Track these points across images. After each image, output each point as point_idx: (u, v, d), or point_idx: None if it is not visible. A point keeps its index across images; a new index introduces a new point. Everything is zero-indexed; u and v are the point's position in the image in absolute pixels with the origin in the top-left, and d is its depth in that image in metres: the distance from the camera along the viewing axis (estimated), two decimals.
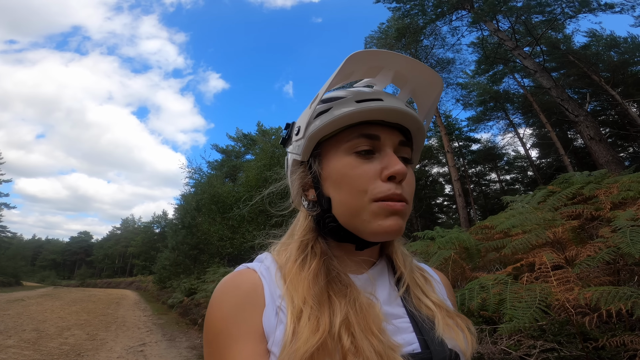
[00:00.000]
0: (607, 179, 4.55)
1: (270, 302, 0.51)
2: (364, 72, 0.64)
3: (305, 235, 0.60)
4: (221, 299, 0.52)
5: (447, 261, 3.43)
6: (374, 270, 0.61)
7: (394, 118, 0.57)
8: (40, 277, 65.40)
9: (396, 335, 0.51)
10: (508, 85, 18.95)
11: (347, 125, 0.57)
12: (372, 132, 0.56)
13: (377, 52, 0.57)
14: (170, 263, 18.40)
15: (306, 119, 0.59)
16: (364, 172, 0.54)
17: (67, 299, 16.97)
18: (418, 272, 0.65)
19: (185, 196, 20.61)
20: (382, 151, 0.56)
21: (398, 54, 0.59)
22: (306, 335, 0.45)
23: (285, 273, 0.55)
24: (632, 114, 13.03)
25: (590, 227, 3.78)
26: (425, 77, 0.62)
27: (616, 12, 12.37)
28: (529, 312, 1.73)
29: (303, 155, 0.60)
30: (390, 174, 0.53)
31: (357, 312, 0.49)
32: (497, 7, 11.90)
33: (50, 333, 7.32)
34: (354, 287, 0.53)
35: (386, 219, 0.53)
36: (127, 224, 73.01)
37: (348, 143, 0.56)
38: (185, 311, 10.99)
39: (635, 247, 1.91)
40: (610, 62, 14.92)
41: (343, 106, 0.56)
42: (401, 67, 0.61)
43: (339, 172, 0.56)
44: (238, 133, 30.35)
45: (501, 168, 25.44)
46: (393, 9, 14.91)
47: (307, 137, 0.59)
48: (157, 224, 55.41)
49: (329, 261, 0.56)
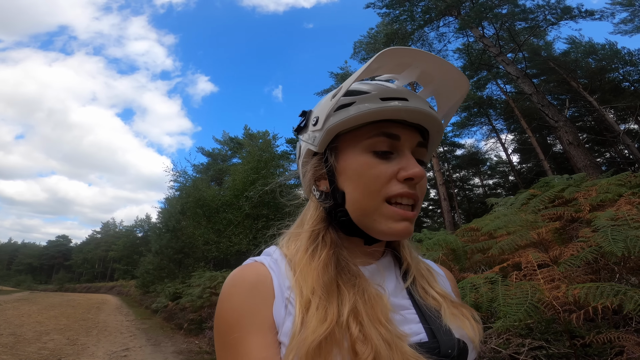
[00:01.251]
0: (586, 182, 4.72)
1: (280, 294, 0.52)
2: (391, 68, 0.62)
3: (317, 225, 0.60)
4: (231, 292, 0.52)
5: (436, 262, 3.49)
6: (382, 262, 0.62)
7: (417, 119, 0.57)
8: (16, 282, 63.11)
9: (403, 325, 0.51)
10: (491, 91, 19.53)
11: (368, 121, 0.56)
12: (393, 132, 0.56)
13: (409, 49, 0.56)
14: (153, 267, 17.97)
15: (326, 111, 0.58)
16: (381, 172, 0.54)
17: (45, 303, 16.48)
18: (423, 264, 0.66)
19: (170, 200, 20.19)
20: (401, 152, 0.56)
21: (430, 54, 0.57)
22: (314, 324, 0.46)
23: (296, 263, 0.55)
24: (609, 120, 13.46)
25: (570, 228, 3.89)
26: (452, 79, 0.61)
27: (596, 18, 12.94)
28: (522, 309, 1.79)
29: (320, 146, 0.60)
30: (407, 176, 0.54)
31: (365, 302, 0.50)
32: (483, 14, 12.24)
33: (28, 337, 7.11)
34: (362, 278, 0.54)
35: (397, 223, 0.54)
36: (108, 227, 71.23)
37: (367, 140, 0.56)
38: (170, 316, 10.77)
39: (617, 246, 1.98)
40: (588, 69, 15.49)
41: (367, 102, 0.55)
42: (429, 67, 0.60)
43: (356, 170, 0.56)
44: (225, 136, 30.18)
45: (484, 173, 26.04)
46: (382, 15, 15.16)
47: (325, 129, 0.58)
48: (139, 227, 54.29)
49: (339, 251, 0.57)
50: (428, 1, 13.71)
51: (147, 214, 53.53)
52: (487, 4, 12.48)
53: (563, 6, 12.35)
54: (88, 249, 70.55)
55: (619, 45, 15.23)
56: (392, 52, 0.54)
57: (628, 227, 2.23)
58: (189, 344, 7.37)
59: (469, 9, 12.88)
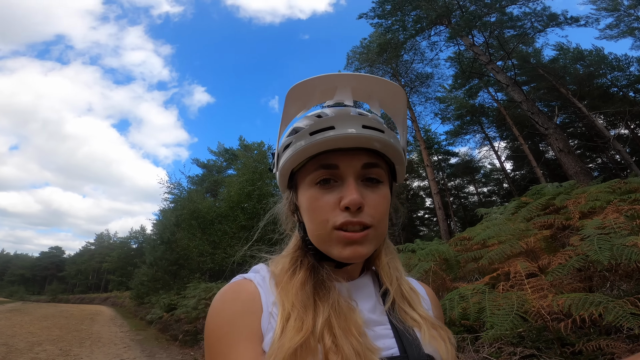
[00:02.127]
0: (576, 190, 4.78)
1: (266, 309, 0.55)
2: (318, 98, 0.60)
3: (296, 252, 0.65)
4: (222, 308, 0.56)
5: (428, 273, 3.51)
6: (359, 281, 0.65)
7: (350, 143, 0.57)
8: (9, 292, 62.13)
9: (377, 340, 0.54)
10: (483, 99, 19.68)
11: (308, 157, 0.59)
12: (330, 162, 0.58)
13: (316, 78, 0.55)
14: (148, 279, 17.81)
15: (277, 153, 0.64)
16: (325, 203, 0.57)
17: (38, 314, 16.22)
18: (406, 284, 0.67)
19: (164, 211, 20.10)
20: (343, 179, 0.57)
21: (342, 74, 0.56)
22: (291, 334, 0.49)
23: (278, 282, 0.59)
24: (599, 126, 13.59)
25: (562, 236, 3.93)
26: (385, 89, 0.59)
27: (581, 25, 13.19)
28: (508, 319, 1.81)
29: (281, 187, 0.67)
30: (345, 205, 0.55)
31: (338, 315, 0.53)
32: (473, 23, 12.44)
33: (20, 348, 7.01)
34: (335, 292, 0.57)
35: (345, 248, 0.56)
36: (102, 239, 70.34)
37: (311, 175, 0.59)
38: (165, 327, 10.66)
39: (603, 254, 2.02)
40: (576, 75, 15.71)
41: (301, 139, 0.58)
42: (354, 84, 0.58)
43: (306, 203, 0.60)
44: (220, 147, 30.03)
45: (478, 181, 26.16)
46: (375, 25, 15.35)
47: (279, 170, 0.64)
48: (134, 239, 53.67)
49: (315, 270, 0.61)
50: (419, 11, 13.91)
51: (141, 226, 53.06)
52: (476, 12, 12.69)
53: (549, 13, 12.61)
54: (82, 260, 69.57)
55: (605, 51, 15.51)
56: (299, 88, 0.56)
57: (615, 235, 2.27)
58: (184, 355, 7.29)
59: (459, 17, 13.10)
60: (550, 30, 13.22)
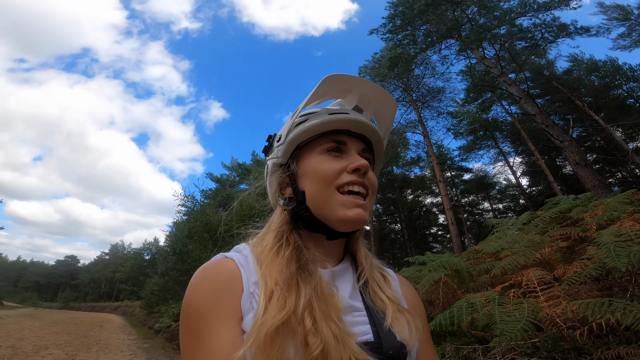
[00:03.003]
0: (593, 202, 4.63)
1: (247, 289, 0.56)
2: (336, 94, 0.78)
3: (281, 227, 0.67)
4: (202, 284, 0.56)
5: (437, 283, 3.42)
6: (339, 267, 0.68)
7: (358, 128, 0.70)
8: (22, 298, 62.69)
9: (354, 326, 0.56)
10: (496, 113, 19.32)
11: (320, 132, 0.68)
12: (340, 139, 0.68)
13: (347, 75, 0.72)
14: (159, 288, 17.97)
15: (287, 129, 0.71)
16: (333, 166, 0.65)
17: (48, 319, 16.45)
18: (377, 270, 0.72)
19: (178, 223, 20.40)
20: (349, 153, 0.68)
21: (362, 79, 0.73)
22: (274, 311, 0.50)
23: (262, 260, 0.60)
24: (617, 139, 13.19)
25: (580, 248, 3.80)
26: (383, 100, 0.77)
27: (592, 35, 12.95)
28: (519, 326, 1.74)
29: (283, 157, 0.71)
30: (354, 167, 0.64)
31: (319, 299, 0.55)
32: (482, 35, 12.42)
33: (26, 351, 7.09)
34: (319, 277, 0.59)
35: (350, 210, 0.62)
36: (117, 249, 71.59)
37: (321, 146, 0.68)
38: (173, 336, 10.67)
39: (620, 261, 1.94)
40: (591, 87, 15.33)
41: (317, 117, 0.69)
42: (365, 91, 0.76)
43: (312, 166, 0.66)
44: (233, 162, 30.38)
45: (493, 197, 25.65)
46: (386, 39, 15.49)
47: (287, 141, 0.69)
48: (147, 250, 54.37)
49: (300, 251, 0.62)
50: (429, 25, 13.97)
51: (155, 237, 53.81)
52: (486, 25, 12.68)
53: (559, 24, 12.42)
54: (96, 269, 70.73)
55: (620, 61, 15.14)
56: (333, 77, 0.71)
57: (632, 242, 2.19)
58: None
59: (468, 30, 13.08)
60: (561, 40, 13.04)
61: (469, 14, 13.21)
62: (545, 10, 12.18)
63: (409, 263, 5.94)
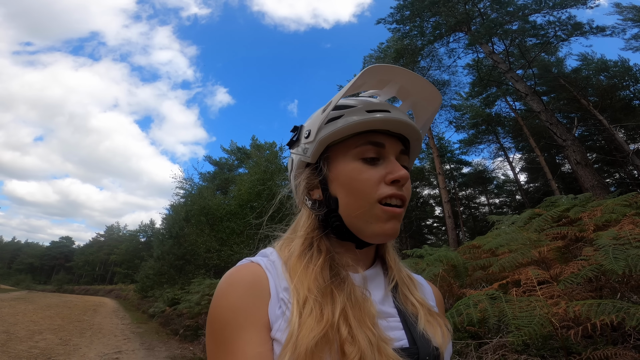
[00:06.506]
0: (592, 203, 4.65)
1: (275, 295, 0.53)
2: (373, 84, 0.69)
3: (310, 233, 0.63)
4: (228, 291, 0.53)
5: (436, 278, 3.45)
6: (370, 271, 0.65)
7: (398, 128, 0.63)
8: (15, 281, 62.73)
9: (388, 331, 0.54)
10: (500, 109, 19.30)
11: (356, 132, 0.61)
12: (379, 140, 0.61)
13: (388, 66, 0.63)
14: (154, 272, 17.95)
15: (317, 124, 0.63)
16: (370, 176, 0.59)
17: (42, 303, 16.46)
18: (405, 272, 0.70)
19: (175, 206, 20.27)
20: (386, 158, 0.61)
21: (406, 70, 0.64)
22: (311, 324, 0.48)
23: (291, 267, 0.57)
24: (619, 140, 13.16)
25: (574, 248, 3.83)
26: (426, 93, 0.68)
27: (607, 35, 12.84)
28: (533, 321, 1.75)
29: (312, 157, 0.64)
30: (394, 178, 0.58)
31: (353, 306, 0.53)
32: (493, 30, 12.25)
33: (20, 336, 7.11)
34: (351, 283, 0.57)
35: (386, 223, 0.58)
36: (112, 231, 71.49)
37: (356, 149, 0.61)
38: (167, 321, 10.73)
39: (618, 264, 1.95)
40: (599, 86, 15.22)
41: (354, 114, 0.61)
42: (406, 82, 0.67)
43: (347, 176, 0.60)
44: (232, 146, 30.11)
45: (490, 192, 25.76)
46: (393, 30, 15.30)
47: (317, 140, 0.62)
48: (143, 232, 54.39)
49: (332, 258, 0.60)
50: (438, 17, 13.79)
51: (151, 219, 53.79)
52: (497, 20, 12.49)
53: (574, 22, 12.26)
54: (90, 251, 70.69)
55: (631, 62, 15.03)
56: (374, 69, 0.61)
57: (630, 246, 2.20)
58: (183, 350, 7.31)
59: (479, 25, 12.91)
60: (575, 39, 12.90)
61: (481, 7, 12.99)
62: (561, 8, 11.97)
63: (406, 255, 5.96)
